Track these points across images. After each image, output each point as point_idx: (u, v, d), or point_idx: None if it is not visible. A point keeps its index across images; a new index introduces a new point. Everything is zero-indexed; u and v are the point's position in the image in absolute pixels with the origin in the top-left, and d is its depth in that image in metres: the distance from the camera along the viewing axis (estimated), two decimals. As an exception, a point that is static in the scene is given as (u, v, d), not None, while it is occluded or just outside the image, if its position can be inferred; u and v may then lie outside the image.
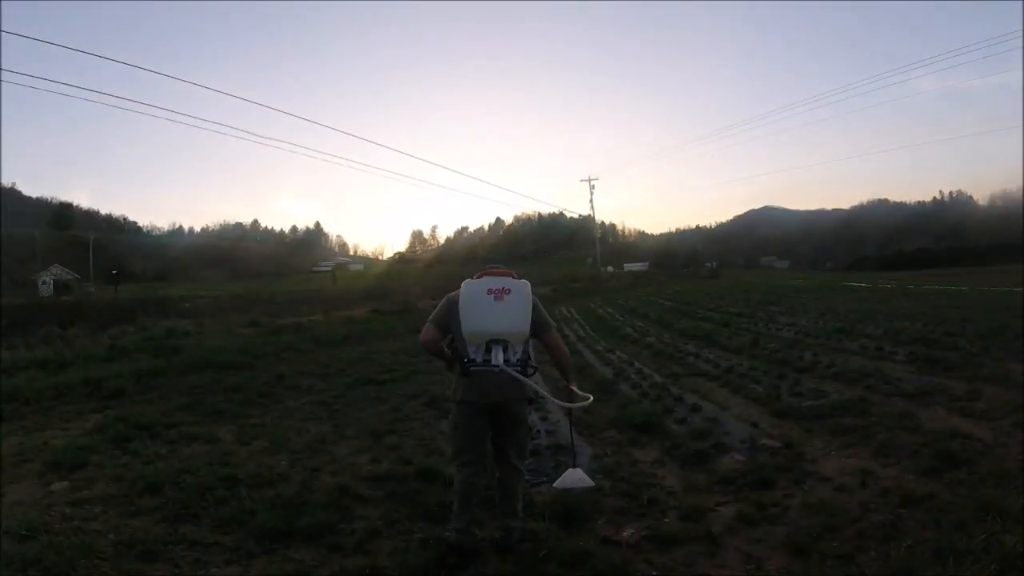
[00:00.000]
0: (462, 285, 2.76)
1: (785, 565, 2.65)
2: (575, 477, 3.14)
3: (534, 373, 2.82)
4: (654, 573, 2.68)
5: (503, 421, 2.84)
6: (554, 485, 3.29)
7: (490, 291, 2.68)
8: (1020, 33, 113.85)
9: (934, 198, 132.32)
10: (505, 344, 2.69)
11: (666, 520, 3.20)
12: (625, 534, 3.03)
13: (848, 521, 2.97)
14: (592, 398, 3.07)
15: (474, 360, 2.69)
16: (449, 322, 2.81)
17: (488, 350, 2.68)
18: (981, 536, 2.54)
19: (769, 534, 2.96)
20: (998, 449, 3.88)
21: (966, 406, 5.04)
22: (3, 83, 37.25)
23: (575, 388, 2.96)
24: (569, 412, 3.26)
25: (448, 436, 3.19)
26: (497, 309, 2.66)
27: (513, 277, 2.80)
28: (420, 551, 2.85)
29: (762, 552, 2.79)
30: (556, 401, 2.99)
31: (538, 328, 2.82)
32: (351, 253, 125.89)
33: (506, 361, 2.66)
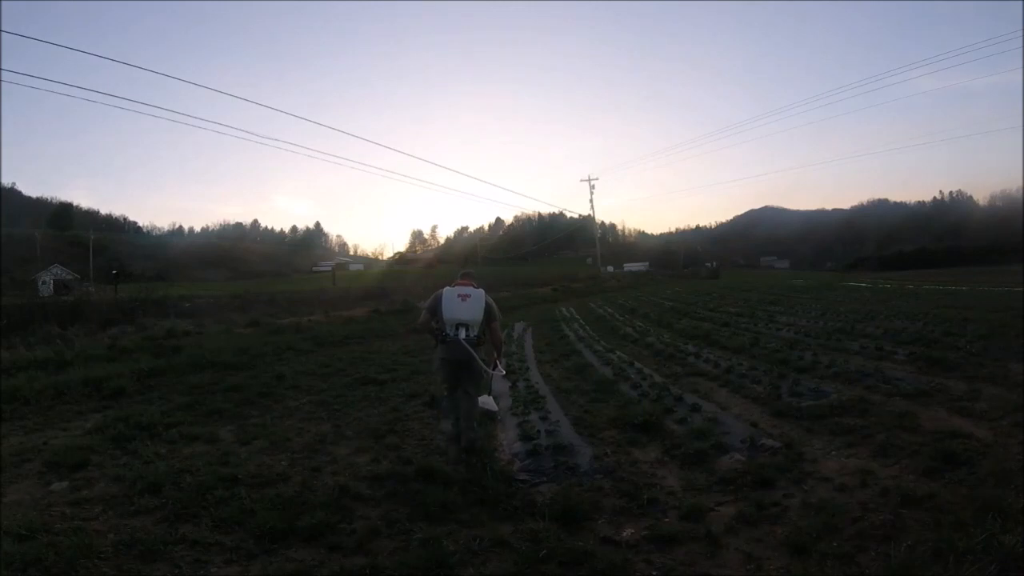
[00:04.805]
0: (443, 289, 4.53)
1: (785, 565, 2.65)
2: (486, 401, 4.80)
3: (482, 344, 4.53)
4: (654, 573, 2.68)
5: (464, 369, 4.48)
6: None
7: (459, 295, 4.48)
8: (1020, 33, 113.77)
9: (934, 198, 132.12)
10: (467, 326, 4.44)
11: (666, 520, 3.21)
12: (625, 534, 3.03)
13: (848, 521, 2.97)
14: (504, 372, 5.14)
15: (448, 335, 4.43)
16: (435, 310, 4.50)
17: (456, 329, 4.42)
18: (981, 536, 2.54)
19: (769, 534, 2.96)
20: (998, 449, 3.88)
21: (966, 406, 5.04)
22: (3, 83, 37.27)
23: (498, 362, 4.72)
24: (492, 367, 4.65)
25: (435, 377, 5.08)
26: (463, 306, 4.45)
27: (474, 287, 4.54)
28: (420, 551, 2.85)
29: (762, 552, 2.79)
30: (482, 367, 4.48)
31: (487, 318, 4.52)
32: (351, 253, 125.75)
33: (466, 337, 4.41)
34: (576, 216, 76.20)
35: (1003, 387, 5.64)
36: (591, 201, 53.26)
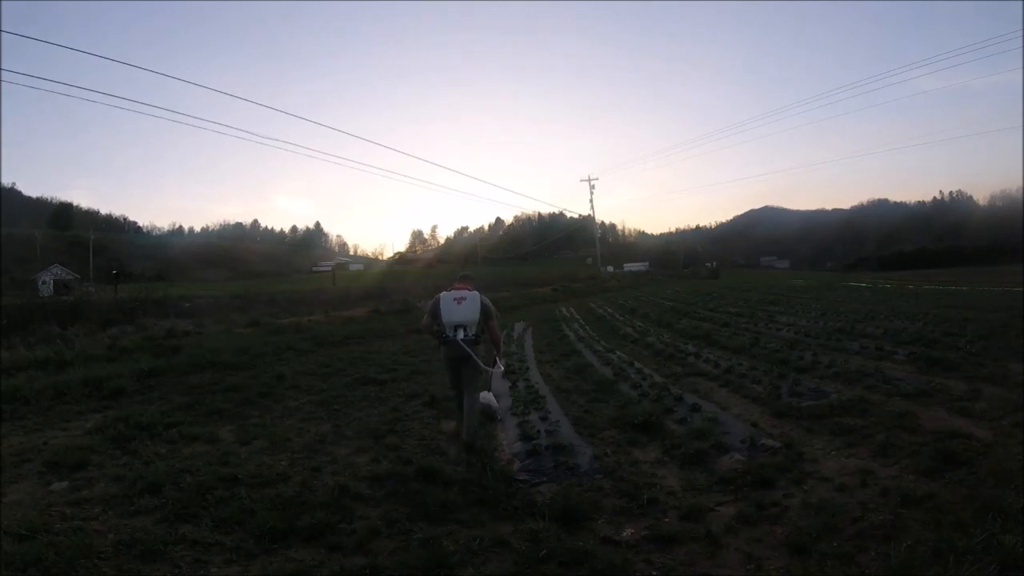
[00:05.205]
0: (441, 294, 4.88)
1: (785, 565, 2.65)
2: (486, 398, 5.47)
3: (478, 343, 4.80)
4: (654, 573, 2.68)
5: (464, 367, 4.80)
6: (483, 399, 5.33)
7: (455, 299, 4.79)
8: (1020, 33, 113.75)
9: (934, 198, 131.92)
10: (465, 327, 4.74)
11: (666, 520, 3.21)
12: (625, 534, 3.03)
13: (848, 521, 2.97)
14: (503, 369, 5.46)
15: (448, 335, 4.75)
16: (436, 313, 4.81)
17: (455, 330, 4.73)
18: (981, 536, 2.54)
19: (769, 534, 2.96)
20: (998, 449, 3.88)
21: (966, 406, 5.04)
22: (3, 83, 37.30)
23: (497, 358, 4.99)
24: (492, 365, 4.96)
25: (445, 374, 5.35)
26: (459, 308, 4.77)
27: (470, 290, 4.85)
28: (420, 551, 2.85)
29: (762, 552, 2.79)
30: (480, 364, 4.78)
31: (484, 317, 4.81)
32: (351, 253, 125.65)
33: (464, 337, 4.71)
34: (576, 216, 76.24)
35: (1003, 387, 5.64)
36: (591, 201, 53.29)
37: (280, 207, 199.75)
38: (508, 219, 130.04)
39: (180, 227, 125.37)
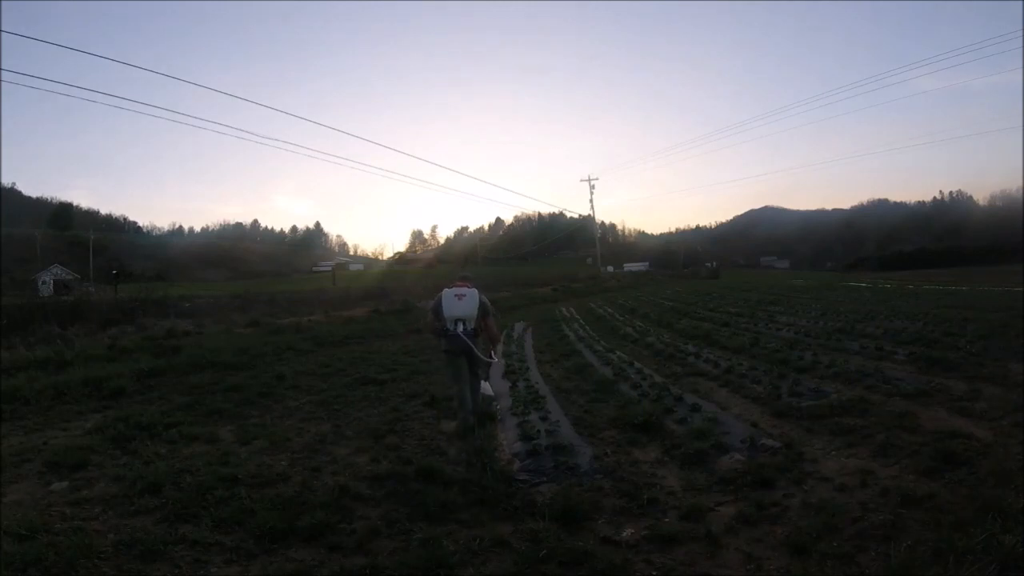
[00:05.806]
0: (443, 291, 5.27)
1: (785, 565, 2.65)
2: (484, 388, 5.59)
3: (477, 336, 5.19)
4: (654, 573, 2.68)
5: (465, 359, 5.13)
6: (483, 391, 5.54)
7: (456, 295, 5.19)
8: (1020, 33, 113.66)
9: (934, 198, 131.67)
10: (464, 321, 5.12)
11: (666, 520, 3.20)
12: (625, 534, 3.03)
13: (848, 521, 2.97)
14: (496, 360, 5.85)
15: (449, 329, 5.12)
16: (438, 310, 5.22)
17: (456, 324, 5.11)
18: (981, 536, 2.54)
19: (769, 534, 2.96)
20: (998, 449, 3.88)
21: (966, 406, 5.04)
22: (3, 83, 37.34)
23: (493, 352, 5.47)
24: (489, 357, 5.39)
25: (444, 372, 5.71)
26: (459, 303, 5.16)
27: (469, 287, 5.24)
28: (420, 551, 2.85)
29: (762, 552, 2.79)
30: (479, 355, 5.17)
31: (482, 314, 5.21)
32: (351, 253, 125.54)
33: (464, 331, 5.10)
34: (576, 216, 76.10)
35: (1003, 387, 5.64)
36: (591, 201, 53.26)
37: (280, 207, 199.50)
38: (508, 219, 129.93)
39: (180, 227, 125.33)
